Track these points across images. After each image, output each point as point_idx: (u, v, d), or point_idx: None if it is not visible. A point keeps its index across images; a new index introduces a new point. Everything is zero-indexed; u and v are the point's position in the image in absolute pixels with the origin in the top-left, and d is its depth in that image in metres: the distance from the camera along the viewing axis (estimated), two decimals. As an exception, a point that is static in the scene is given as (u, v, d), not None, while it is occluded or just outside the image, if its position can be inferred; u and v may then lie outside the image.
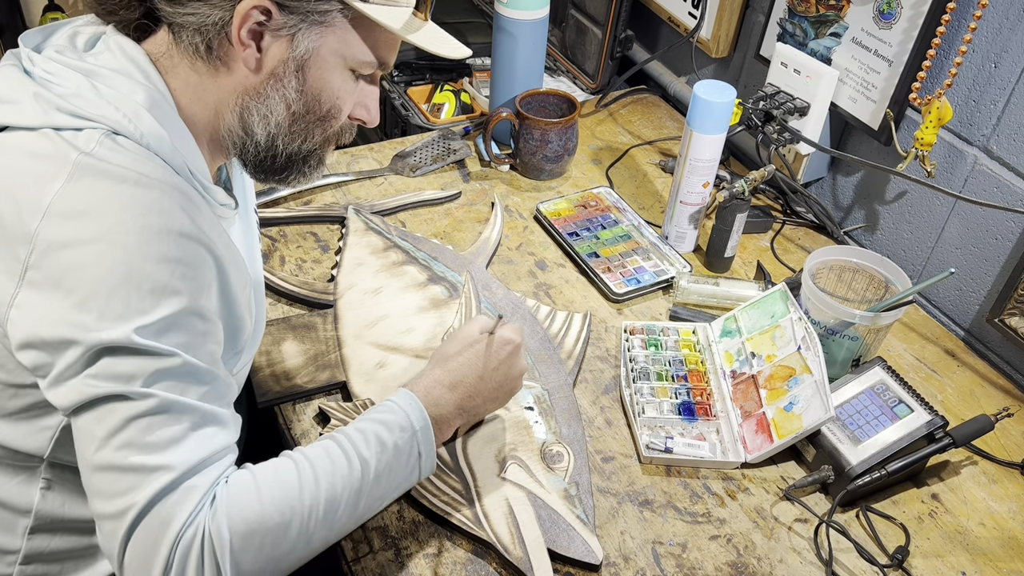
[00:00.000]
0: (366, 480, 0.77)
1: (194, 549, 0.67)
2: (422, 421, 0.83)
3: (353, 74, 0.80)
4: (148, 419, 0.68)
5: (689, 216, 1.27)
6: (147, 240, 0.68)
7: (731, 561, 0.90)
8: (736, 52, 1.53)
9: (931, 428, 0.95)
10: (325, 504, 0.73)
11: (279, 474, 0.73)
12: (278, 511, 0.71)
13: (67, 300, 0.67)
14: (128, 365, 0.67)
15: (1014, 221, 1.12)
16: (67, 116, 0.71)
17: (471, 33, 1.79)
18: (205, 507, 0.69)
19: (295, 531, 0.72)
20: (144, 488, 0.67)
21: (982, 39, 1.11)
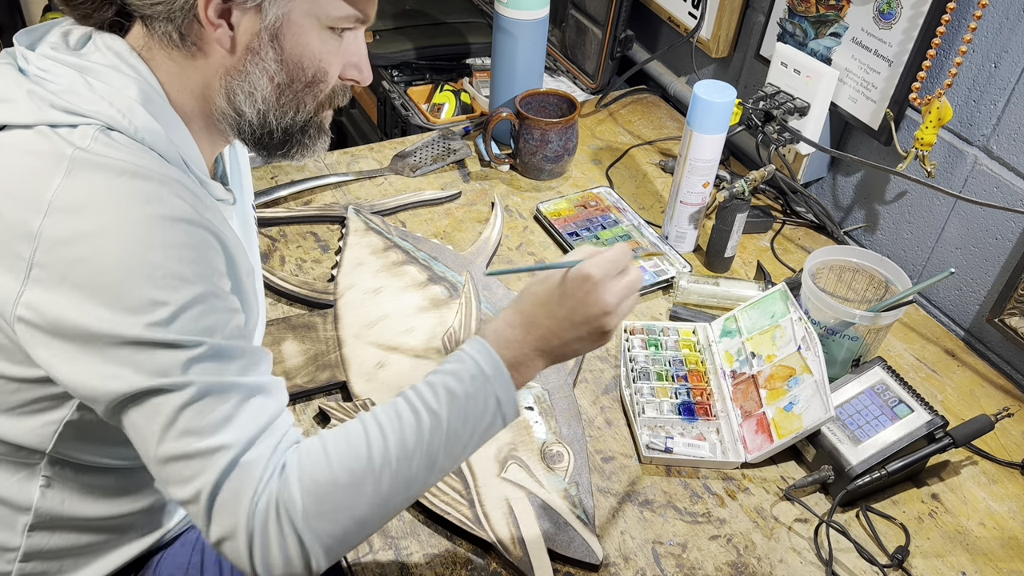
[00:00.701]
0: (439, 433, 0.74)
1: (271, 519, 0.69)
2: (494, 366, 0.78)
3: (334, 32, 0.78)
4: (196, 405, 0.68)
5: (689, 216, 1.27)
6: (151, 229, 0.68)
7: (731, 561, 0.90)
8: (736, 52, 1.53)
9: (931, 428, 0.95)
10: (397, 461, 0.72)
11: (348, 435, 0.73)
12: (348, 472, 0.71)
13: (79, 296, 0.67)
14: (159, 358, 0.68)
15: (1014, 221, 1.12)
16: (61, 113, 0.71)
17: (471, 33, 1.79)
18: (274, 476, 0.70)
19: (368, 491, 0.71)
20: (209, 470, 0.68)
21: (982, 39, 1.11)
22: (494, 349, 0.79)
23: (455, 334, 1.10)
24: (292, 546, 0.69)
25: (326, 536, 0.70)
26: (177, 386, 0.68)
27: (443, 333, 1.10)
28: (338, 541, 0.71)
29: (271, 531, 0.69)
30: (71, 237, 0.67)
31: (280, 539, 0.69)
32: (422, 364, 1.06)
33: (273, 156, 0.84)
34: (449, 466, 0.76)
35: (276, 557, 0.69)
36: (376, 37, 1.76)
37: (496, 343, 0.80)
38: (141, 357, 0.68)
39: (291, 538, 0.69)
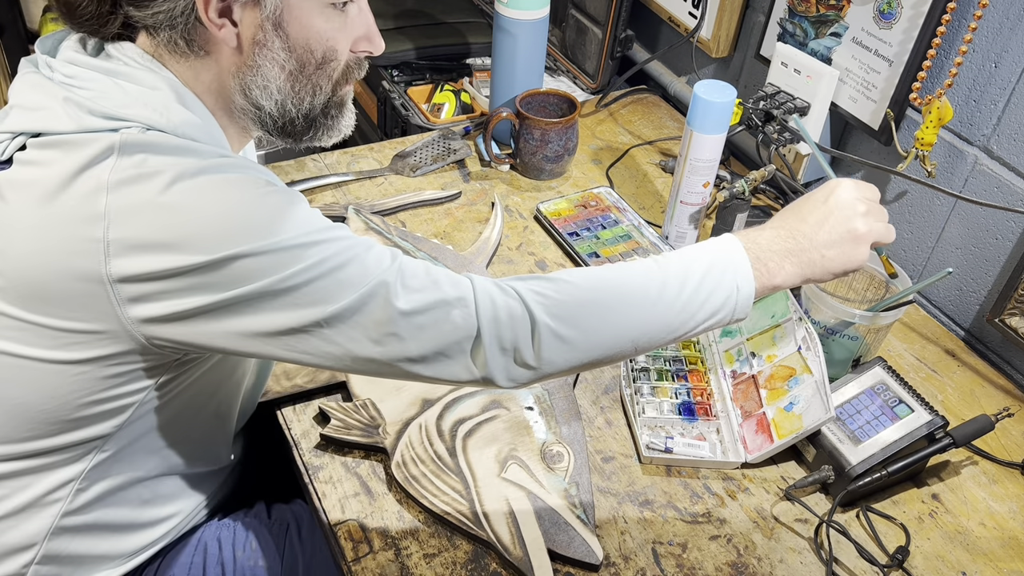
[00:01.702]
0: (676, 284, 0.77)
1: (517, 318, 0.74)
2: (739, 254, 0.79)
3: (336, 8, 0.78)
4: (341, 273, 0.71)
5: (689, 216, 1.27)
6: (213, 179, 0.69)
7: (731, 561, 0.90)
8: (736, 52, 1.53)
9: (931, 428, 0.95)
10: (635, 290, 0.76)
11: (588, 268, 0.79)
12: (590, 286, 0.76)
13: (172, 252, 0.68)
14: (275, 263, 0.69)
15: (1014, 221, 1.12)
16: (100, 119, 0.71)
17: (471, 33, 1.79)
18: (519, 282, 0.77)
19: (603, 306, 0.75)
20: (462, 282, 0.75)
21: (982, 39, 1.11)
22: (742, 243, 0.80)
23: (455, 334, 1.10)
24: (526, 343, 0.74)
25: (559, 340, 0.75)
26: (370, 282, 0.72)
27: (443, 333, 1.10)
28: (567, 353, 0.75)
29: (520, 328, 0.74)
30: (140, 204, 0.67)
31: (528, 337, 0.74)
32: (422, 364, 1.06)
33: (301, 142, 0.85)
34: (678, 325, 0.78)
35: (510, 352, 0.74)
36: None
37: (744, 238, 0.81)
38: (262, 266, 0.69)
39: (528, 333, 0.74)
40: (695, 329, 0.79)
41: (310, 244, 0.70)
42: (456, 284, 0.75)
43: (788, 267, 0.81)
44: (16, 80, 0.76)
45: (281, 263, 0.69)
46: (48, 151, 0.71)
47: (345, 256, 0.72)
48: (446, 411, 1.00)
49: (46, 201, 0.69)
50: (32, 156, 0.71)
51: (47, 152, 0.71)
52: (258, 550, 1.02)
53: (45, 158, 0.71)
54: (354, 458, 0.97)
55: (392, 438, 0.97)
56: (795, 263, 0.81)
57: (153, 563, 0.96)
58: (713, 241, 0.81)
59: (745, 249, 0.79)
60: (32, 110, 0.73)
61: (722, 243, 0.80)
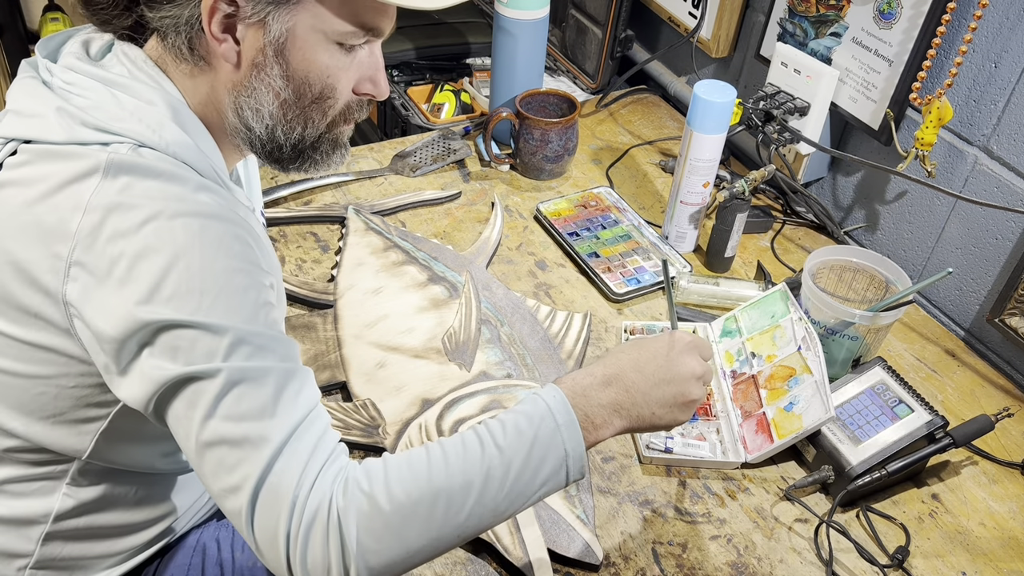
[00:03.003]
0: (500, 469, 0.71)
1: (317, 525, 0.66)
2: (566, 416, 0.74)
3: (342, 48, 0.76)
4: (237, 390, 0.67)
5: (689, 216, 1.27)
6: (188, 223, 0.68)
7: (731, 561, 0.90)
8: (736, 52, 1.53)
9: (931, 428, 0.95)
10: (455, 490, 0.69)
11: (410, 457, 0.70)
12: (405, 492, 0.68)
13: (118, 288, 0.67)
14: (199, 345, 0.67)
15: (1014, 221, 1.12)
16: (92, 131, 0.71)
17: (471, 33, 1.79)
18: (327, 479, 0.68)
19: (423, 515, 0.68)
20: (254, 459, 0.66)
21: (982, 39, 1.11)
22: (569, 399, 0.75)
23: (455, 334, 1.10)
24: (335, 555, 0.67)
25: (372, 556, 0.67)
26: (217, 371, 0.67)
27: (443, 333, 1.10)
28: (383, 563, 0.68)
29: (315, 538, 0.66)
30: (110, 234, 0.67)
31: (324, 548, 0.66)
32: (422, 364, 1.06)
33: (287, 169, 0.83)
34: (506, 508, 0.72)
35: (317, 561, 0.66)
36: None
37: (572, 392, 0.76)
38: (182, 343, 0.67)
39: (335, 551, 0.67)
40: (528, 504, 0.75)
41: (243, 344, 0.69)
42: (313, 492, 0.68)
43: (616, 422, 0.78)
44: (15, 83, 0.76)
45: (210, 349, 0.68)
46: (37, 160, 0.71)
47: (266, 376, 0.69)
48: (446, 411, 1.00)
49: (27, 209, 0.70)
50: (21, 163, 0.72)
51: (36, 160, 0.71)
52: (258, 551, 1.02)
53: (33, 167, 0.71)
54: (354, 458, 0.97)
55: (392, 438, 0.97)
56: (624, 417, 0.78)
57: (152, 564, 0.96)
58: (540, 402, 0.75)
59: (573, 407, 0.75)
60: (26, 116, 0.73)
61: (551, 404, 0.75)
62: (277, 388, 0.69)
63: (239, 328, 0.68)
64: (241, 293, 0.70)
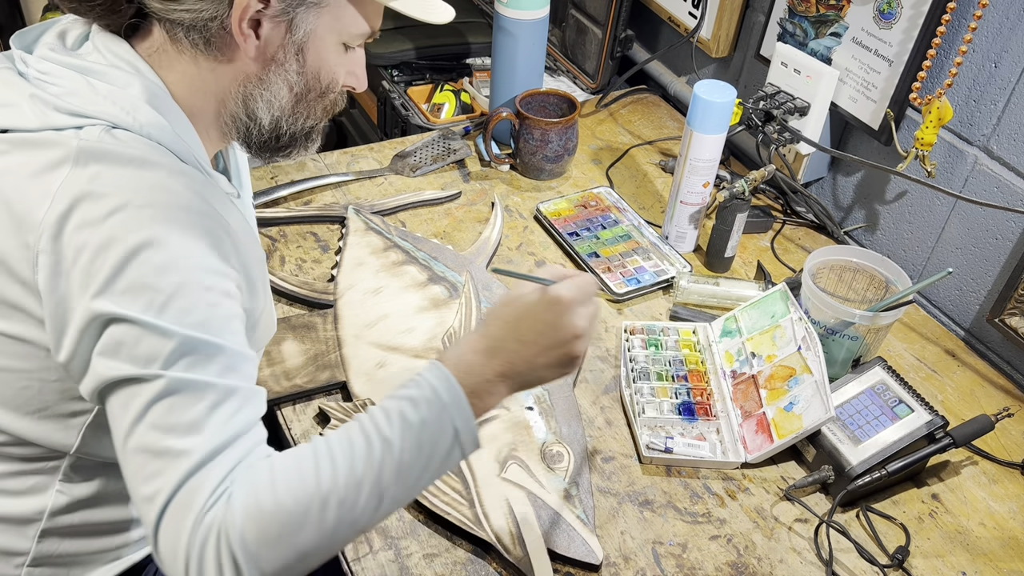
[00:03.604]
0: (390, 461, 0.70)
1: (211, 540, 0.66)
2: (453, 395, 0.73)
3: (346, 47, 0.82)
4: (169, 400, 0.67)
5: (689, 216, 1.27)
6: (155, 219, 0.69)
7: (731, 561, 0.90)
8: (736, 52, 1.53)
9: (931, 428, 0.95)
10: (345, 489, 0.69)
11: (298, 461, 0.69)
12: (293, 499, 0.67)
13: (78, 279, 0.67)
14: (142, 345, 0.67)
15: (1014, 221, 1.12)
16: (65, 116, 0.71)
17: (471, 33, 1.79)
18: (221, 497, 0.67)
19: (314, 520, 0.68)
20: (171, 472, 0.66)
21: (982, 39, 1.11)
22: (454, 376, 0.74)
23: (455, 334, 1.10)
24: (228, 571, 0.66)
25: (265, 564, 0.67)
26: (155, 377, 0.67)
27: (443, 333, 1.10)
28: (277, 571, 0.67)
29: (208, 553, 0.66)
30: (76, 224, 0.67)
31: (216, 563, 0.66)
32: (422, 364, 1.05)
33: (273, 157, 0.86)
34: (402, 497, 0.72)
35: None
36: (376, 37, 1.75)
37: (456, 369, 0.75)
38: (127, 340, 0.67)
39: (227, 563, 0.66)
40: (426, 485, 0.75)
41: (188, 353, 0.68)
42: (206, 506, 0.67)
43: (502, 389, 0.77)
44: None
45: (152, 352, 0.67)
46: (12, 149, 0.72)
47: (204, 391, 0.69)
48: (446, 411, 1.00)
49: (1, 199, 0.70)
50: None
51: (11, 150, 0.72)
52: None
53: (8, 156, 0.72)
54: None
55: (392, 438, 0.97)
56: (509, 385, 0.78)
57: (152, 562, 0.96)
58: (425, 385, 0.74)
59: (460, 384, 0.74)
60: (1, 107, 0.73)
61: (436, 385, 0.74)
62: (212, 404, 0.68)
63: (187, 335, 0.68)
64: (197, 296, 0.69)
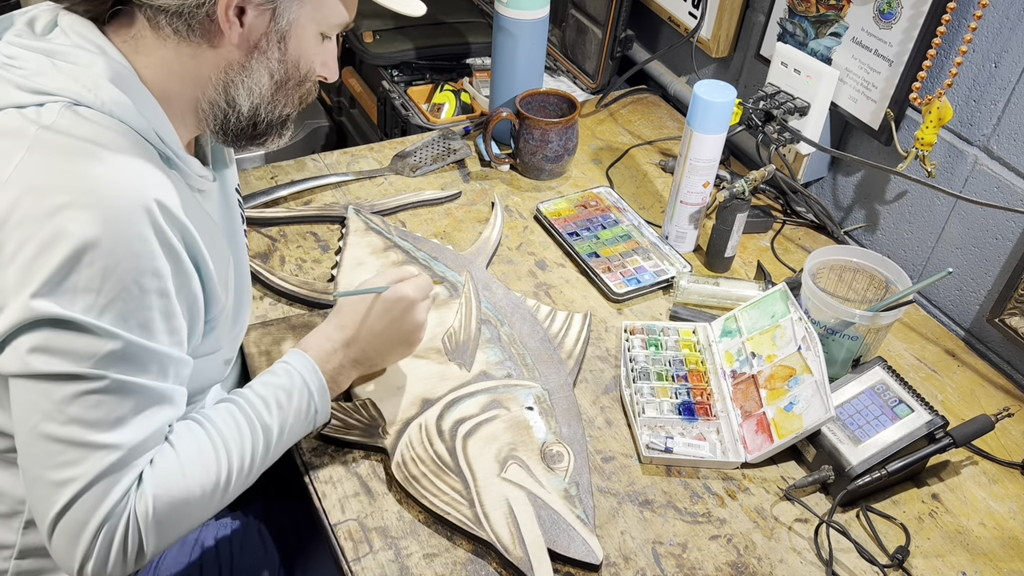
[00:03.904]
0: (269, 445, 0.84)
1: (120, 528, 0.72)
2: (318, 383, 0.89)
3: (324, 37, 0.84)
4: (97, 397, 0.70)
5: (689, 216, 1.27)
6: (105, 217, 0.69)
7: (731, 561, 0.90)
8: (736, 52, 1.53)
9: (931, 428, 0.95)
10: (236, 473, 0.80)
11: (200, 450, 0.78)
12: (200, 486, 0.77)
13: (19, 274, 0.68)
14: (79, 345, 0.69)
15: (1014, 221, 1.12)
16: (28, 94, 0.72)
17: (471, 33, 1.79)
18: (138, 486, 0.74)
19: (212, 501, 0.79)
20: (89, 463, 0.70)
21: (982, 39, 1.11)
22: (318, 366, 0.89)
23: (455, 334, 1.10)
24: (131, 554, 0.74)
25: (166, 541, 0.76)
26: (88, 376, 0.69)
27: (443, 333, 1.10)
28: (171, 543, 0.77)
29: (116, 540, 0.73)
30: (21, 217, 0.68)
31: (122, 548, 0.73)
32: (422, 364, 1.06)
33: (248, 145, 0.87)
34: (268, 464, 0.86)
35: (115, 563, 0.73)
36: (376, 37, 1.76)
37: (319, 358, 0.90)
38: (64, 341, 0.68)
39: (133, 546, 0.73)
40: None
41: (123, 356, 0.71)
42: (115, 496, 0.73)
43: (354, 373, 0.95)
44: None
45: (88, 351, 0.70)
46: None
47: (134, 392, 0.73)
48: (446, 411, 1.00)
49: None
50: None
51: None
52: (257, 549, 1.02)
53: None
54: (354, 458, 0.97)
55: (392, 438, 0.97)
56: (360, 369, 0.96)
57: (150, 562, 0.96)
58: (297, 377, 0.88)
59: (323, 372, 0.90)
60: None
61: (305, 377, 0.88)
62: (140, 405, 0.73)
63: (124, 337, 0.70)
64: (138, 299, 0.71)
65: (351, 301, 0.94)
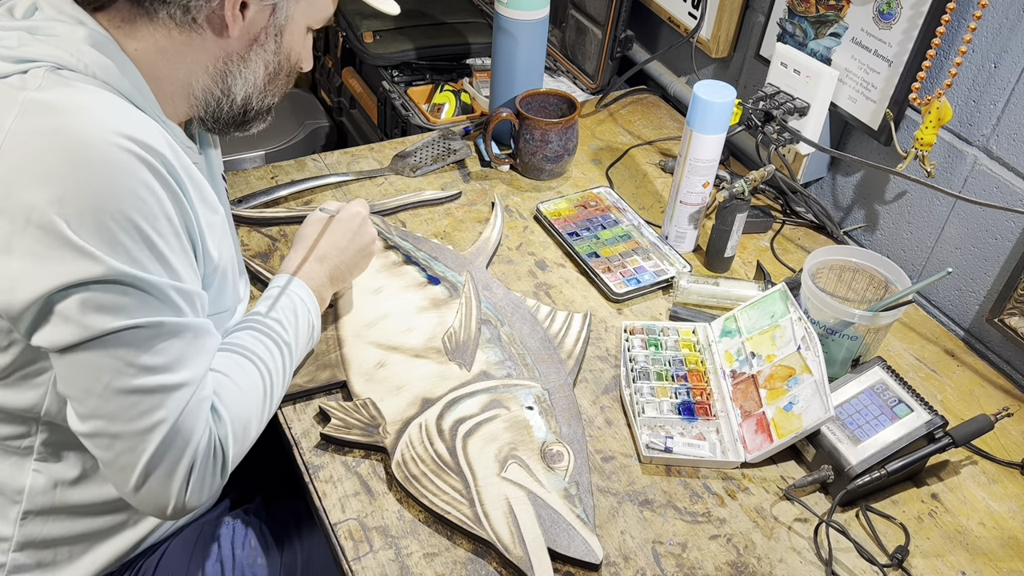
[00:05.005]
0: (291, 358, 0.93)
1: (210, 454, 0.79)
2: (311, 299, 0.98)
3: (309, 31, 0.89)
4: (157, 343, 0.74)
5: (689, 216, 1.28)
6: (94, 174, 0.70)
7: (731, 561, 0.90)
8: (736, 52, 1.53)
9: (931, 428, 0.95)
10: (273, 385, 0.89)
11: (247, 373, 0.86)
12: (257, 401, 0.86)
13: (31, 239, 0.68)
14: (125, 297, 0.71)
15: (1014, 221, 1.12)
16: (10, 63, 0.73)
17: (471, 33, 1.79)
18: (215, 411, 0.80)
19: (265, 411, 0.88)
20: (169, 405, 0.75)
21: (982, 39, 1.11)
22: (306, 284, 0.99)
23: (455, 334, 1.10)
24: (219, 474, 0.80)
25: (240, 455, 0.84)
26: (144, 326, 0.73)
27: (443, 333, 1.10)
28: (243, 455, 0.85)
29: (209, 466, 0.79)
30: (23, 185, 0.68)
31: (213, 472, 0.80)
32: (422, 364, 1.06)
33: (234, 131, 0.91)
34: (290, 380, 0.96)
35: (207, 486, 0.79)
36: (376, 37, 1.76)
37: (307, 278, 1.00)
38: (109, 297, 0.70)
39: (218, 466, 0.80)
40: None
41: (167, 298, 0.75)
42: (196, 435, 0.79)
43: (331, 288, 1.05)
44: None
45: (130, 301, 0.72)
46: None
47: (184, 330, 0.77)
48: (446, 410, 1.00)
49: None
50: None
51: None
52: (257, 548, 1.02)
53: None
54: (354, 457, 0.97)
55: (392, 437, 0.97)
56: (336, 284, 1.06)
57: (150, 559, 0.96)
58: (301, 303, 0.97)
59: (311, 289, 0.99)
60: None
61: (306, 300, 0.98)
62: (193, 340, 0.78)
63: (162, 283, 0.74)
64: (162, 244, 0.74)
65: (306, 231, 1.05)
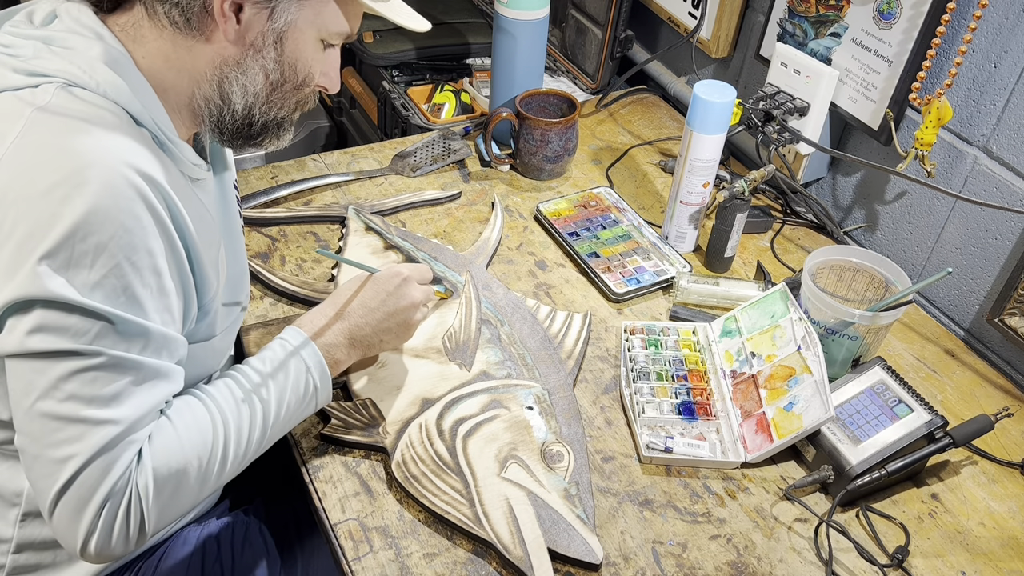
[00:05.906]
0: (267, 420, 0.84)
1: (122, 503, 0.73)
2: (315, 358, 0.89)
3: (324, 45, 0.84)
4: (93, 374, 0.71)
5: (689, 216, 1.27)
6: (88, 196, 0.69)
7: (731, 561, 0.90)
8: (736, 52, 1.53)
9: (931, 428, 0.95)
10: (235, 448, 0.81)
11: (199, 425, 0.79)
12: (198, 459, 0.78)
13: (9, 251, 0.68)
14: (71, 320, 0.70)
15: (1014, 221, 1.12)
16: (23, 76, 0.73)
17: (471, 33, 1.79)
18: (139, 461, 0.75)
19: (211, 476, 0.80)
20: (88, 440, 0.71)
21: (982, 39, 1.11)
22: (319, 348, 0.90)
23: (455, 334, 1.10)
24: (134, 529, 0.75)
25: (166, 518, 0.77)
26: (82, 352, 0.70)
27: (443, 333, 1.10)
28: (171, 519, 0.78)
29: (119, 516, 0.74)
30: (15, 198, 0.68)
31: (125, 523, 0.74)
32: (422, 364, 1.06)
33: (244, 145, 0.87)
34: (267, 447, 0.86)
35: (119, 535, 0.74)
36: (376, 37, 1.76)
37: (314, 334, 0.91)
38: (58, 320, 0.69)
39: (135, 521, 0.74)
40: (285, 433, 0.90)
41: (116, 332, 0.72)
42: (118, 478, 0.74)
43: (353, 354, 0.95)
44: None
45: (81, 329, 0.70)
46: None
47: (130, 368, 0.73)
48: (446, 411, 1.00)
49: None
50: None
51: None
52: (258, 549, 1.02)
53: None
54: (354, 458, 0.97)
55: (392, 437, 0.97)
56: (358, 349, 0.95)
57: (150, 560, 0.96)
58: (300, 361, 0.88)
59: (321, 350, 0.90)
60: None
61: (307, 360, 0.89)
62: (136, 380, 0.73)
63: (117, 315, 0.71)
64: (131, 276, 0.72)
65: (344, 287, 0.96)
